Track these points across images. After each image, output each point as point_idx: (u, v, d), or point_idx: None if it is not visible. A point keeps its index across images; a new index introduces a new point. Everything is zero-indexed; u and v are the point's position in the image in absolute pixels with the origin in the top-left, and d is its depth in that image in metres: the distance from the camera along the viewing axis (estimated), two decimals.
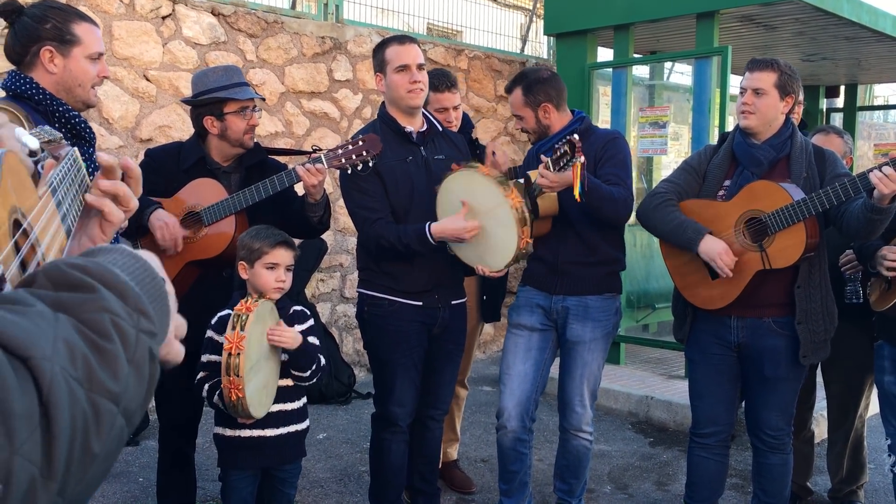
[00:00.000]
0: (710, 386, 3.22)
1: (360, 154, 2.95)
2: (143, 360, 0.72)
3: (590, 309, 3.31)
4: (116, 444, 0.68)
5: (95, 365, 0.65)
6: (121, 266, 0.78)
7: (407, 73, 3.08)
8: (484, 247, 3.00)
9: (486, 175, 2.91)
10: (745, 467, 4.37)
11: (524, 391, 3.38)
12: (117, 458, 0.71)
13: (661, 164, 6.82)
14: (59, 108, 2.28)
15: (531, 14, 8.22)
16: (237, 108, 3.09)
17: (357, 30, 6.33)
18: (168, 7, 5.24)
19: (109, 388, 0.66)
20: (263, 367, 2.71)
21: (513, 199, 2.86)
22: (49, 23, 2.29)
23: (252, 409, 2.63)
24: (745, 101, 3.05)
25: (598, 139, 3.32)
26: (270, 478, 2.96)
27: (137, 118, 5.12)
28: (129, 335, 0.70)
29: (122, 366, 0.68)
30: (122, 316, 0.70)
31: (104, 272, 0.73)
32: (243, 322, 2.58)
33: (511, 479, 3.47)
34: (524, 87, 3.35)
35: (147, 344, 0.73)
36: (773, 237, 2.93)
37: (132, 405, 0.70)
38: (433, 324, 3.23)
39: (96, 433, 0.64)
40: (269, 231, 2.87)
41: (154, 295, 0.81)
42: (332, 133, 6.14)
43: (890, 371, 3.16)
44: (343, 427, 5.08)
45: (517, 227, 2.85)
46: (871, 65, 7.94)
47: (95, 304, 0.69)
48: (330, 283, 6.25)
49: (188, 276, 3.07)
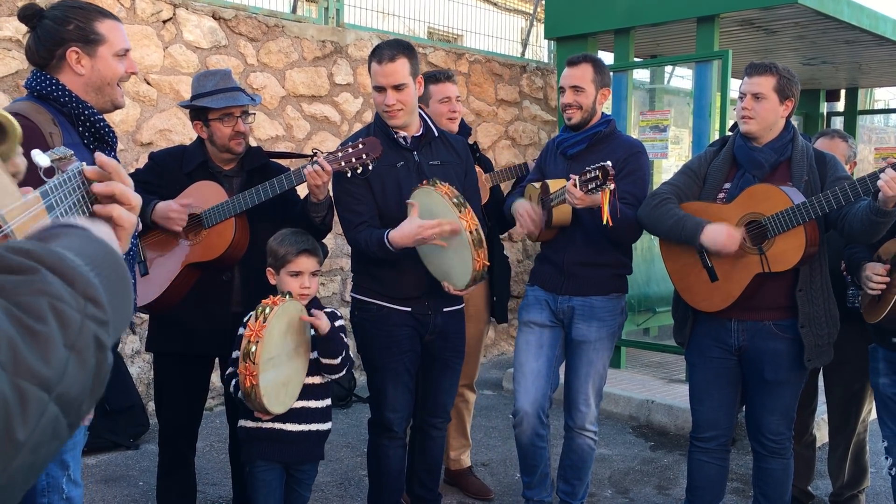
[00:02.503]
0: (711, 390, 3.22)
1: (359, 157, 2.95)
2: (87, 347, 0.69)
3: (595, 309, 3.34)
4: (50, 434, 0.65)
5: (23, 348, 0.62)
6: (76, 250, 0.75)
7: (382, 95, 3.03)
8: (448, 265, 2.99)
9: (443, 195, 2.88)
10: (746, 471, 4.36)
11: (538, 388, 3.41)
12: (54, 453, 0.68)
13: (661, 167, 6.81)
14: (85, 112, 2.24)
15: (532, 18, 8.22)
16: (219, 115, 3.10)
17: (358, 34, 6.34)
18: (169, 11, 5.25)
19: (38, 372, 0.63)
20: (285, 364, 2.75)
21: (467, 222, 2.83)
22: (72, 23, 2.23)
23: (266, 399, 2.66)
24: (744, 106, 3.04)
25: (621, 146, 3.34)
26: (289, 477, 2.99)
27: (138, 122, 5.13)
28: (71, 319, 0.67)
29: (55, 349, 0.65)
30: (65, 300, 0.68)
31: (52, 255, 0.71)
32: (266, 314, 2.65)
33: (532, 471, 3.53)
34: (596, 65, 3.35)
35: (93, 331, 0.70)
36: (772, 240, 2.93)
37: (71, 392, 0.66)
38: (425, 330, 3.19)
39: (21, 418, 0.61)
40: (295, 237, 2.92)
41: (111, 279, 0.77)
42: (333, 137, 6.14)
43: (885, 373, 3.16)
44: (343, 431, 5.07)
45: (472, 249, 2.84)
46: (872, 68, 7.94)
47: (33, 287, 0.66)
48: (330, 286, 6.25)
49: (188, 278, 3.07)
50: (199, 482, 3.57)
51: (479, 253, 2.85)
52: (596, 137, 3.35)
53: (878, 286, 2.95)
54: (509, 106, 7.52)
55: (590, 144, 3.35)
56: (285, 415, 2.82)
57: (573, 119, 3.35)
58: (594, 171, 2.93)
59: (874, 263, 3.00)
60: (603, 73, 3.36)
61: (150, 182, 3.12)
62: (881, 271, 2.96)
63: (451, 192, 2.89)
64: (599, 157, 3.25)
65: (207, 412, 3.95)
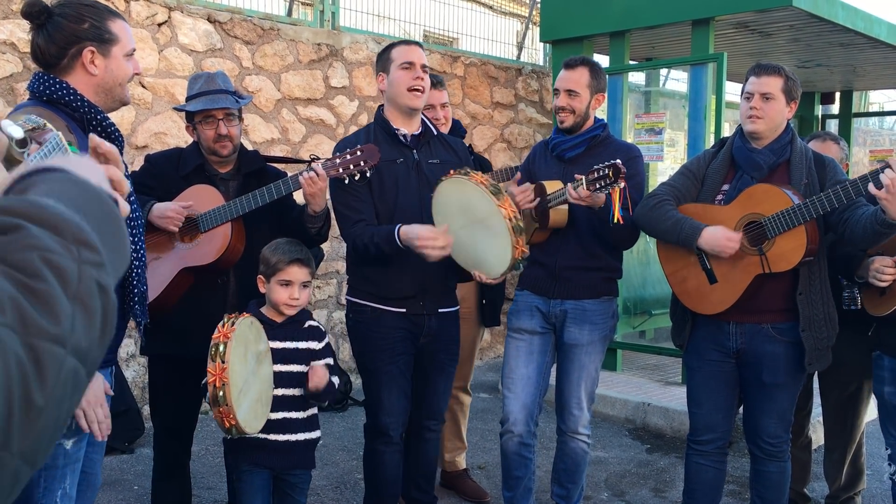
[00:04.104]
0: (709, 393, 3.21)
1: (357, 164, 2.95)
2: (90, 293, 0.67)
3: (587, 312, 3.33)
4: (71, 388, 0.64)
5: (28, 307, 0.61)
6: (57, 195, 0.72)
7: (411, 71, 3.06)
8: (480, 253, 2.97)
9: (478, 183, 2.86)
10: (743, 474, 4.36)
11: (529, 394, 3.39)
12: (77, 403, 0.66)
13: (657, 170, 6.82)
14: (98, 116, 2.20)
15: (527, 21, 8.22)
16: (201, 118, 3.10)
17: (353, 37, 6.33)
18: (164, 14, 5.24)
19: (49, 329, 0.61)
20: (253, 383, 2.69)
21: (506, 209, 2.81)
22: (87, 22, 2.17)
23: (248, 428, 2.62)
24: (753, 106, 3.02)
25: (619, 150, 3.33)
26: (281, 482, 2.95)
27: (133, 125, 5.12)
28: (67, 270, 0.65)
29: (61, 304, 0.63)
30: (55, 251, 0.65)
31: (32, 207, 0.68)
32: (222, 353, 2.54)
33: (515, 485, 3.47)
34: (593, 69, 3.34)
35: (92, 275, 0.68)
36: (772, 241, 2.93)
37: (83, 343, 0.65)
38: (419, 332, 3.17)
39: (38, 382, 0.59)
40: (288, 246, 2.88)
41: (100, 218, 0.75)
42: (329, 140, 6.13)
43: (889, 382, 3.15)
44: (339, 434, 5.06)
45: (511, 236, 2.82)
46: (867, 71, 7.96)
47: (21, 243, 0.64)
48: (326, 289, 6.24)
49: (183, 282, 3.06)
50: (194, 486, 3.56)
51: (520, 240, 2.83)
52: (594, 141, 3.35)
53: (889, 278, 2.95)
54: (505, 109, 7.52)
55: (588, 148, 3.35)
56: (268, 427, 2.77)
57: (565, 123, 3.34)
58: (604, 169, 2.93)
59: (882, 257, 3.00)
60: (599, 77, 3.35)
61: (147, 184, 3.11)
62: (890, 263, 2.96)
63: (486, 180, 2.87)
64: (598, 160, 3.24)
65: (202, 416, 3.93)
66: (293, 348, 2.88)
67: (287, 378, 2.85)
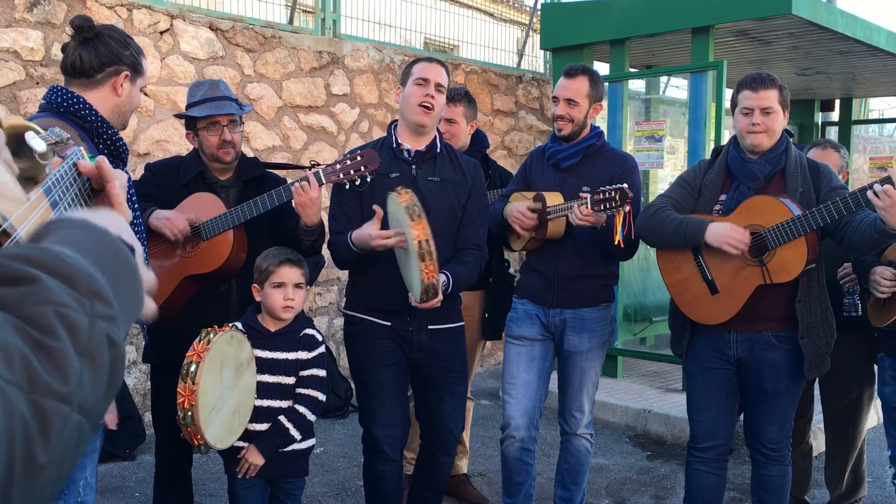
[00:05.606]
0: (710, 400, 3.22)
1: (357, 169, 2.96)
2: (100, 349, 0.66)
3: (586, 320, 3.37)
4: (75, 443, 0.63)
5: (37, 365, 0.60)
6: (75, 244, 0.72)
7: (424, 87, 3.04)
8: (408, 276, 2.90)
9: (399, 203, 2.76)
10: (743, 481, 4.36)
11: (530, 400, 3.42)
12: (78, 456, 0.66)
13: (657, 177, 6.84)
14: (109, 131, 2.35)
15: (528, 29, 8.25)
16: (205, 124, 3.12)
17: (354, 44, 6.36)
18: (166, 22, 5.26)
19: (56, 389, 0.60)
20: (229, 397, 2.66)
21: (417, 231, 2.68)
22: (129, 50, 2.44)
23: (219, 444, 2.63)
24: (755, 122, 3.01)
25: (614, 161, 3.35)
26: (276, 489, 2.96)
27: (135, 132, 5.13)
28: (79, 325, 0.65)
29: (70, 362, 0.63)
30: (69, 305, 0.65)
31: (49, 258, 0.68)
32: (193, 374, 2.51)
33: (516, 491, 3.48)
34: (592, 78, 3.36)
35: (104, 330, 0.67)
36: (773, 252, 2.94)
37: (90, 399, 0.64)
38: (409, 347, 3.09)
39: (42, 441, 0.59)
40: (277, 250, 2.90)
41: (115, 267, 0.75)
42: (330, 147, 6.15)
43: (892, 383, 3.17)
44: (340, 441, 5.06)
45: (417, 261, 2.68)
46: (866, 79, 7.98)
47: (36, 297, 0.63)
48: (327, 296, 6.25)
49: (186, 290, 3.07)
50: (195, 493, 3.56)
51: (428, 266, 2.68)
52: (590, 150, 3.37)
53: (888, 289, 2.96)
54: (505, 116, 7.54)
55: (584, 157, 3.37)
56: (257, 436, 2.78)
57: (563, 131, 3.36)
58: (611, 192, 2.96)
59: (882, 267, 3.02)
60: (598, 87, 3.37)
61: (148, 193, 3.12)
62: (889, 275, 2.97)
63: (409, 199, 2.76)
64: (593, 170, 3.27)
65: None
66: (282, 359, 2.86)
67: (274, 389, 2.84)
